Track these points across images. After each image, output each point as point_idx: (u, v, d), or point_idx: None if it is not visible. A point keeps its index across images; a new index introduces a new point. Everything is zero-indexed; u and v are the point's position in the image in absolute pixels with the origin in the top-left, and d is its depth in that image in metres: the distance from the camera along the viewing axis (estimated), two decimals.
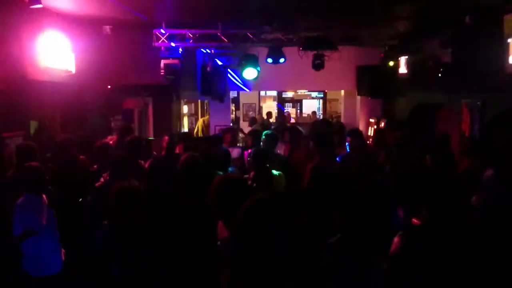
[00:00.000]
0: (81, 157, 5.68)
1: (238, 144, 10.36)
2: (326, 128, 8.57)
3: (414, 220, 3.73)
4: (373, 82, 10.68)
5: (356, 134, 7.14)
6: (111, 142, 6.61)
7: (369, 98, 11.46)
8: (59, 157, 5.65)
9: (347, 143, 6.84)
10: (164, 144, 6.83)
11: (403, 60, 9.25)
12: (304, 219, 2.34)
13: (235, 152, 7.16)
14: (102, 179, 5.01)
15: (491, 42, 6.63)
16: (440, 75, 7.92)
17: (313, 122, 12.51)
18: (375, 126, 11.07)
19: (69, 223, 4.74)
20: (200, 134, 12.80)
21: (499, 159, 4.68)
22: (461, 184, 3.76)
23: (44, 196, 4.50)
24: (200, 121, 13.74)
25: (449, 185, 3.29)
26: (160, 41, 8.56)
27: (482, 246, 3.02)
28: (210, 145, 7.01)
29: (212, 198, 3.37)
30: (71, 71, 7.35)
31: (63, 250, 4.68)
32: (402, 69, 9.31)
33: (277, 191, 5.06)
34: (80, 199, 5.10)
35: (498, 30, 6.33)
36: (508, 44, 6.06)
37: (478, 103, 7.43)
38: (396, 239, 3.17)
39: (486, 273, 2.86)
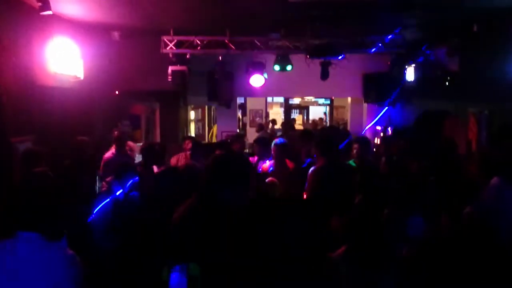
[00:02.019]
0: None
1: (245, 151, 10.41)
2: (334, 134, 8.57)
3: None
4: (380, 90, 10.68)
5: (363, 142, 7.12)
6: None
7: (376, 105, 11.46)
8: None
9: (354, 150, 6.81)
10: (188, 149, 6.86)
11: (410, 68, 9.26)
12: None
13: None
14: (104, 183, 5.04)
15: (499, 51, 6.63)
16: (447, 83, 7.92)
17: (321, 129, 12.52)
18: (382, 134, 11.06)
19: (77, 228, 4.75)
20: (214, 140, 12.85)
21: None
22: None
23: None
24: (214, 128, 13.79)
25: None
26: (168, 48, 8.62)
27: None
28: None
29: None
30: (79, 77, 7.41)
31: None
32: (410, 77, 9.31)
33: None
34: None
35: (506, 38, 6.34)
36: None
37: (486, 112, 7.42)
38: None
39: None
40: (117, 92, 9.11)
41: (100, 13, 7.11)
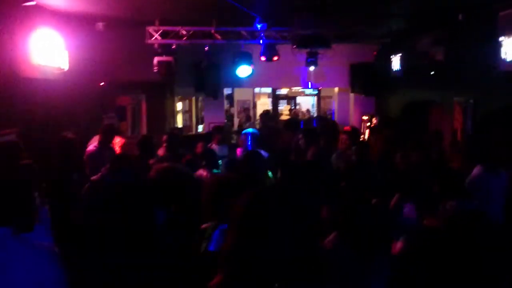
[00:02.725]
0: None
1: (232, 141, 10.44)
2: (321, 124, 8.70)
3: (427, 222, 3.71)
4: (366, 80, 10.72)
5: (350, 132, 7.17)
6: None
7: (362, 95, 11.50)
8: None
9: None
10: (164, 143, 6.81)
11: (396, 58, 9.29)
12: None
13: (224, 150, 7.29)
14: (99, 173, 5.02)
15: (484, 40, 6.67)
16: (433, 72, 7.95)
17: (308, 119, 12.56)
18: (368, 124, 11.12)
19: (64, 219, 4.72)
20: None
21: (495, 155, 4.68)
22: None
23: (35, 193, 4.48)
24: None
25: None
26: (153, 38, 8.55)
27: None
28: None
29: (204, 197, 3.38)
30: (64, 69, 7.32)
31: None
32: (396, 67, 9.35)
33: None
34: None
35: (491, 28, 6.37)
36: (500, 42, 6.11)
37: (471, 100, 7.47)
38: (400, 243, 3.16)
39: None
40: (102, 84, 9.02)
41: (84, 3, 7.02)
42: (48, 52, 6.83)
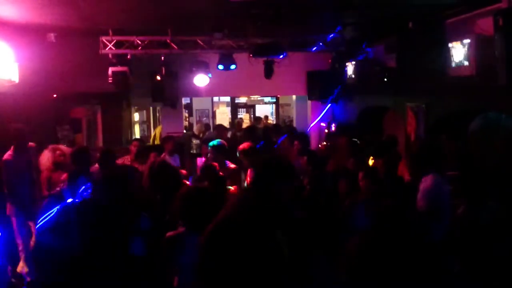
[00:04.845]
0: None
1: (192, 151, 10.38)
2: (276, 132, 8.80)
3: None
4: (322, 87, 10.89)
5: (301, 138, 7.30)
6: (57, 152, 6.42)
7: (320, 102, 11.67)
8: None
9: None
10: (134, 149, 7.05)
11: (350, 65, 9.47)
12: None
13: (173, 160, 7.31)
14: None
15: (434, 47, 6.89)
16: (385, 79, 8.15)
17: (264, 127, 12.64)
18: (326, 130, 11.29)
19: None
20: (157, 142, 12.62)
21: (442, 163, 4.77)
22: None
23: None
24: (157, 129, 13.52)
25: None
26: (107, 48, 8.39)
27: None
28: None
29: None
30: (14, 81, 7.09)
31: None
32: (350, 74, 9.53)
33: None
34: None
35: (440, 35, 6.61)
36: (449, 48, 6.34)
37: (423, 105, 7.70)
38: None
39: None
40: (55, 96, 8.79)
41: (34, 14, 6.84)
42: None
